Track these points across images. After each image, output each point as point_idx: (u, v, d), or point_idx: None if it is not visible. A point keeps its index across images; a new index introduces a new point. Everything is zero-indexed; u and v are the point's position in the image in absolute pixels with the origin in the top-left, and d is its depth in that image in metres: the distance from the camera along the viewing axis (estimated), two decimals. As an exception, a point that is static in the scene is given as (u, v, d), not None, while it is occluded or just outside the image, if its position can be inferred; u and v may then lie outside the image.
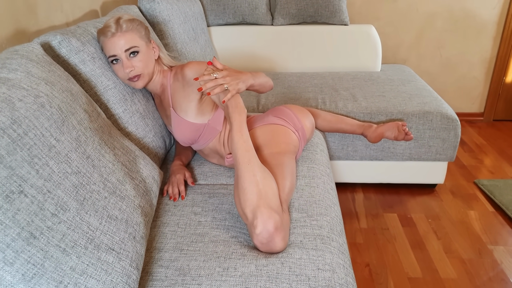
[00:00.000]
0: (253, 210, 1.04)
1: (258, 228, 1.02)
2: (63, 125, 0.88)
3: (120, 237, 0.86)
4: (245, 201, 1.06)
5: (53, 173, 0.78)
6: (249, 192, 1.06)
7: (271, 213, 1.03)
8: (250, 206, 1.05)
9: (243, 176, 1.09)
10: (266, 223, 1.02)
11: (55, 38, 1.18)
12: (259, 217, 1.02)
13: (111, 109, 1.28)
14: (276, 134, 1.35)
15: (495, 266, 1.71)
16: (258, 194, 1.06)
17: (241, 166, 1.11)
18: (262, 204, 1.04)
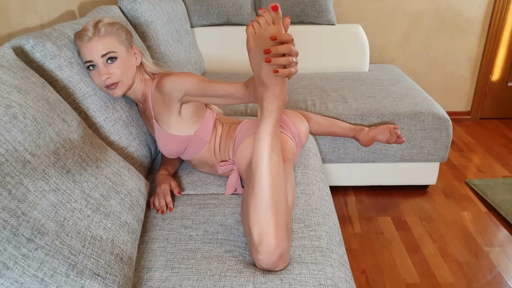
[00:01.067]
0: (260, 235, 0.92)
1: (262, 255, 0.93)
2: (39, 137, 0.80)
3: (105, 260, 0.78)
4: (254, 222, 0.93)
5: (28, 193, 0.70)
6: (262, 216, 0.93)
7: (279, 243, 0.93)
8: (258, 230, 0.93)
9: (262, 197, 0.93)
10: (271, 253, 0.93)
11: (28, 42, 1.09)
12: (265, 245, 0.92)
13: (91, 118, 1.20)
14: None
15: (493, 269, 1.68)
16: (272, 219, 0.93)
17: (261, 176, 0.94)
18: (272, 232, 0.92)
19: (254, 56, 0.93)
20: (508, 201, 2.08)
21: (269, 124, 0.95)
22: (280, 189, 0.95)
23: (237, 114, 2.02)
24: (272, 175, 0.94)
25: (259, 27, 0.90)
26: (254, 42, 0.92)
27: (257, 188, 0.94)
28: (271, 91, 0.94)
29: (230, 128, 1.37)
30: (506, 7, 2.77)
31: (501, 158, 2.55)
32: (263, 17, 0.90)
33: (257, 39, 0.91)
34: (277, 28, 0.89)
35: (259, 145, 0.95)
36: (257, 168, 0.94)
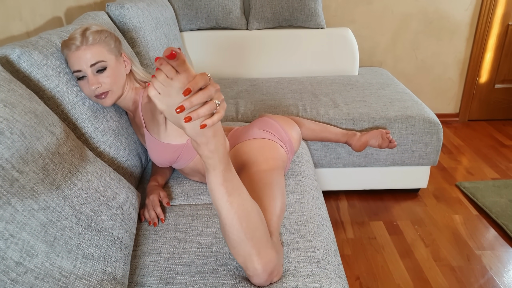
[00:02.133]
0: (245, 263, 0.90)
1: (252, 278, 0.92)
2: (27, 153, 0.77)
3: (97, 280, 0.75)
4: (236, 255, 0.90)
5: (16, 213, 0.67)
6: (241, 250, 0.89)
7: (266, 265, 0.90)
8: (242, 260, 0.90)
9: (233, 238, 0.89)
10: (260, 275, 0.91)
11: (14, 51, 1.05)
12: (251, 270, 0.90)
13: (80, 128, 1.17)
14: (263, 150, 1.26)
15: (485, 272, 1.68)
16: (253, 249, 0.89)
17: (228, 221, 0.88)
18: (255, 260, 0.89)
19: (170, 118, 0.75)
20: (498, 203, 2.09)
21: (217, 175, 0.84)
22: (251, 222, 0.90)
23: (228, 120, 2.00)
24: (238, 217, 0.87)
25: (161, 86, 0.70)
26: (163, 104, 0.72)
27: (227, 231, 0.89)
28: (205, 148, 0.79)
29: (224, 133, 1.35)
30: (492, 10, 2.80)
31: (490, 160, 2.57)
32: (161, 71, 0.70)
33: (165, 99, 0.71)
34: (185, 76, 0.69)
35: (215, 195, 0.87)
36: (221, 215, 0.88)
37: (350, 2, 2.76)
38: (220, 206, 0.86)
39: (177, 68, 0.68)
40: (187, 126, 0.73)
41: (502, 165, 2.50)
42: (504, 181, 2.30)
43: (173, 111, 0.72)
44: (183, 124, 0.73)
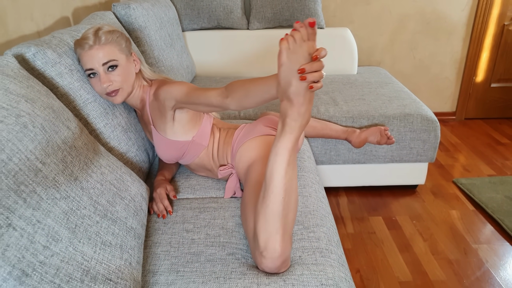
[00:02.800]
0: (267, 241, 0.94)
1: (266, 259, 0.95)
2: (48, 146, 0.81)
3: (116, 265, 0.79)
4: (262, 229, 0.95)
5: (41, 201, 0.71)
6: (271, 225, 0.94)
7: (284, 250, 0.95)
8: (265, 237, 0.94)
9: (273, 208, 0.94)
10: (276, 259, 0.95)
11: (29, 49, 1.09)
12: (270, 252, 0.94)
13: (91, 124, 1.21)
14: (267, 146, 1.30)
15: (481, 265, 1.73)
16: (280, 229, 0.94)
17: (275, 190, 0.94)
18: (278, 240, 0.94)
19: (284, 72, 0.88)
20: (494, 199, 2.14)
21: (289, 140, 0.94)
22: (291, 202, 0.96)
23: (231, 118, 2.05)
24: (285, 189, 0.94)
25: (294, 43, 0.86)
26: (287, 58, 0.87)
27: (268, 200, 0.94)
28: (297, 109, 0.90)
29: (228, 133, 1.40)
30: (488, 10, 2.85)
31: (486, 157, 2.62)
32: (299, 32, 0.86)
33: (290, 54, 0.86)
34: (312, 44, 0.86)
35: (276, 160, 0.94)
36: (272, 181, 0.94)
37: (349, 3, 2.81)
38: (276, 172, 0.93)
39: (309, 35, 0.85)
40: (295, 84, 0.87)
41: (498, 162, 2.56)
42: (500, 178, 2.35)
43: (292, 66, 0.86)
44: (292, 80, 0.87)
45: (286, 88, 0.89)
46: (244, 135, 1.34)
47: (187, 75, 2.27)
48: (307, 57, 0.86)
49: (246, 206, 1.11)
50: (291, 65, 0.87)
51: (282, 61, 0.87)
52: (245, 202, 1.13)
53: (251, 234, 1.03)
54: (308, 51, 0.86)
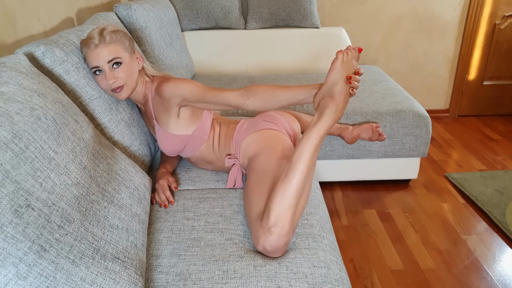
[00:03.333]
0: (278, 217, 1.05)
1: (273, 236, 1.04)
2: (59, 136, 0.88)
3: (123, 246, 0.86)
4: (277, 204, 1.06)
5: (55, 186, 0.78)
6: (287, 201, 1.06)
7: (290, 230, 1.06)
8: (277, 212, 1.05)
9: (294, 183, 1.08)
10: (282, 237, 1.04)
11: (39, 48, 1.16)
12: (279, 228, 1.04)
13: (97, 119, 1.28)
14: (272, 139, 1.38)
15: (470, 254, 1.81)
16: (293, 207, 1.07)
17: (301, 167, 1.10)
18: (289, 218, 1.06)
19: (334, 74, 1.14)
20: (484, 192, 2.22)
21: (323, 128, 1.13)
22: (308, 184, 1.13)
23: (229, 114, 2.12)
24: (308, 170, 1.10)
25: (347, 57, 1.15)
26: (340, 65, 1.14)
27: (291, 176, 1.09)
28: (336, 104, 1.13)
29: (229, 127, 1.47)
30: (480, 10, 2.93)
31: (478, 153, 2.69)
32: (351, 52, 1.16)
33: (343, 63, 1.14)
34: (356, 64, 1.18)
35: (307, 142, 1.12)
36: (299, 159, 1.10)
37: (344, 3, 2.88)
38: (305, 152, 1.11)
39: (356, 58, 1.18)
40: (341, 84, 1.14)
41: (489, 158, 2.63)
42: (490, 172, 2.42)
43: (341, 71, 1.14)
44: (340, 81, 1.14)
45: (332, 86, 1.15)
46: (247, 128, 1.42)
47: (186, 74, 2.34)
48: (351, 70, 1.16)
49: (251, 191, 1.21)
50: (342, 70, 1.14)
51: (336, 66, 1.14)
52: (250, 188, 1.22)
53: (255, 216, 1.13)
54: (353, 66, 1.17)
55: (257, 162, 1.31)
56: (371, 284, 1.66)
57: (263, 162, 1.29)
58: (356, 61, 1.18)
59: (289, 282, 0.98)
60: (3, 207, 0.65)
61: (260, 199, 1.17)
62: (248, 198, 1.20)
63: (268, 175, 1.24)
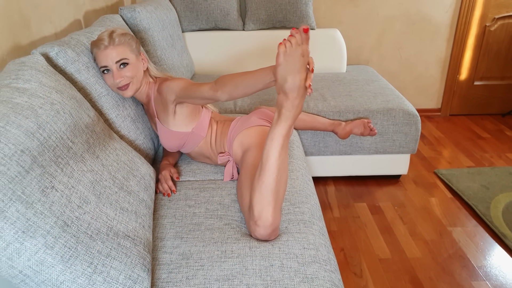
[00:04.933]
0: (260, 212, 1.12)
1: (259, 227, 1.13)
2: (75, 128, 0.99)
3: (132, 226, 0.97)
4: (257, 202, 1.13)
5: (73, 171, 0.89)
6: (265, 198, 1.12)
7: (274, 220, 1.13)
8: (259, 208, 1.12)
9: (267, 183, 1.12)
10: (267, 227, 1.13)
11: (53, 49, 1.27)
12: (263, 220, 1.12)
13: (105, 114, 1.38)
14: (262, 135, 1.48)
15: (454, 245, 1.92)
16: (272, 201, 1.13)
17: (270, 169, 1.12)
18: (270, 211, 1.12)
19: (281, 70, 1.06)
20: (471, 187, 2.33)
21: (284, 128, 1.12)
22: (282, 180, 1.16)
23: (227, 112, 2.22)
24: (278, 169, 1.13)
25: (290, 47, 1.04)
26: (284, 59, 1.05)
27: (264, 177, 1.13)
28: (291, 101, 1.09)
29: (224, 125, 1.58)
30: (471, 12, 3.04)
31: (467, 150, 2.81)
32: (294, 37, 1.04)
33: (287, 56, 1.04)
34: (305, 48, 1.05)
35: (272, 144, 1.12)
36: (267, 162, 1.12)
37: (338, 5, 2.99)
38: (271, 154, 1.12)
39: (303, 40, 1.04)
40: (290, 81, 1.06)
41: (478, 155, 2.74)
42: (477, 169, 2.53)
43: (287, 66, 1.05)
44: (288, 77, 1.05)
45: (283, 84, 1.08)
46: (240, 125, 1.52)
47: (186, 73, 2.45)
48: (300, 58, 1.05)
49: (242, 184, 1.30)
50: (287, 65, 1.05)
51: (280, 62, 1.05)
52: (241, 181, 1.31)
53: (246, 207, 1.22)
54: (301, 53, 1.04)
55: (247, 157, 1.41)
56: (360, 271, 1.77)
57: (253, 157, 1.39)
58: (305, 44, 1.05)
59: (281, 262, 1.08)
60: (32, 187, 0.76)
61: (249, 191, 1.27)
62: (240, 191, 1.31)
63: (256, 169, 1.34)
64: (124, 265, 0.87)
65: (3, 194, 0.71)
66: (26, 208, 0.73)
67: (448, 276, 1.73)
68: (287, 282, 1.02)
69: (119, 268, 0.87)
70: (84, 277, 0.80)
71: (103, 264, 0.83)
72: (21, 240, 0.72)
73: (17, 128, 0.79)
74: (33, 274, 0.74)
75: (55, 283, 0.76)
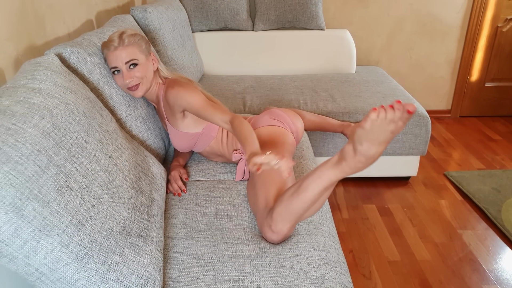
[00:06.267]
0: (278, 221, 1.12)
1: (272, 235, 1.14)
2: (89, 128, 1.00)
3: (145, 226, 0.98)
4: (281, 214, 1.12)
5: (87, 171, 0.90)
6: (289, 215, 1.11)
7: (288, 233, 1.15)
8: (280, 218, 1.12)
9: (295, 205, 1.10)
10: (279, 238, 1.15)
11: (66, 50, 1.28)
12: (278, 230, 1.13)
13: (116, 114, 1.39)
14: (275, 135, 1.49)
15: (464, 248, 1.90)
16: (293, 220, 1.13)
17: (304, 199, 1.09)
18: (288, 226, 1.13)
19: (361, 132, 0.94)
20: (481, 190, 2.31)
21: (336, 176, 1.04)
22: (311, 211, 1.16)
23: (237, 112, 2.23)
24: (312, 202, 1.09)
25: (383, 119, 0.89)
26: (369, 126, 0.91)
27: (295, 200, 1.09)
28: (355, 163, 0.99)
29: None
30: (482, 13, 3.01)
31: (477, 152, 2.79)
32: (393, 111, 0.87)
33: (374, 126, 0.91)
34: (401, 126, 0.89)
35: (318, 180, 1.06)
36: (305, 191, 1.07)
37: (348, 6, 2.98)
38: (312, 187, 1.06)
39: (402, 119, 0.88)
40: (367, 148, 0.95)
41: (488, 157, 2.72)
42: (488, 171, 2.51)
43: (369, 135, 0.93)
44: (365, 143, 0.95)
45: (357, 144, 0.97)
46: (253, 124, 1.54)
47: (196, 73, 2.46)
48: (388, 134, 0.91)
49: (255, 184, 1.32)
50: (370, 133, 0.93)
51: (364, 126, 0.93)
52: (254, 181, 1.33)
53: (261, 206, 1.22)
54: (392, 130, 0.89)
55: None
56: (369, 273, 1.76)
57: None
58: (403, 123, 0.89)
59: (291, 263, 1.09)
60: (49, 186, 0.77)
61: (263, 191, 1.27)
62: (254, 190, 1.31)
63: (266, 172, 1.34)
64: (137, 264, 0.88)
65: (20, 193, 0.72)
66: (42, 207, 0.75)
67: (459, 280, 1.72)
68: (298, 283, 1.02)
69: (132, 267, 0.87)
70: (98, 275, 0.81)
71: (116, 263, 0.84)
72: (37, 238, 0.73)
73: (34, 128, 0.81)
74: (48, 272, 0.75)
75: (70, 281, 0.77)
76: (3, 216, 0.70)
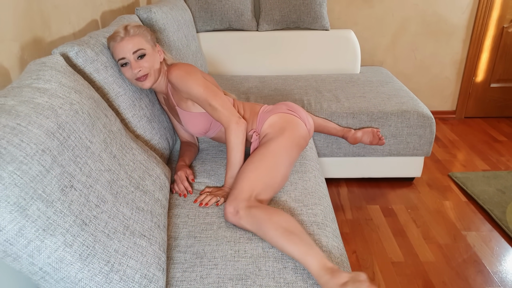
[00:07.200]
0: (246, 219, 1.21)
1: (233, 218, 1.23)
2: (93, 128, 1.00)
3: (148, 226, 0.98)
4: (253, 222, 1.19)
5: (91, 171, 0.90)
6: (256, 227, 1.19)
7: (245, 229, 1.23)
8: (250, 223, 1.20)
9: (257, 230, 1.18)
10: (234, 223, 1.24)
11: (73, 49, 1.29)
12: (239, 222, 1.22)
13: (121, 114, 1.40)
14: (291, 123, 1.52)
15: (469, 249, 1.90)
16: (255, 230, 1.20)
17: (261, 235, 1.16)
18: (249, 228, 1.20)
19: None
20: (486, 191, 2.30)
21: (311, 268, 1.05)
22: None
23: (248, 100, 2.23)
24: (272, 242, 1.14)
25: None
26: None
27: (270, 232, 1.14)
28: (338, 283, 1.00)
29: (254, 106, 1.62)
30: (488, 13, 3.00)
31: (482, 153, 2.77)
32: None
33: None
34: None
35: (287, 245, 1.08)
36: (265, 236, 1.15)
37: (353, 6, 2.98)
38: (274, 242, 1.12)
39: None
40: None
41: (493, 158, 2.71)
42: (493, 172, 2.50)
43: None
44: None
45: None
46: (271, 110, 1.58)
47: (201, 73, 2.46)
48: None
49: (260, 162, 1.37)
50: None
51: None
52: (253, 159, 1.38)
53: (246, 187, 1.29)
54: None
55: (270, 140, 1.45)
56: (372, 274, 1.76)
57: (274, 142, 1.43)
58: None
59: (294, 264, 1.09)
60: (53, 186, 0.78)
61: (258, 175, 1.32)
62: (253, 165, 1.36)
63: (272, 155, 1.39)
64: (140, 264, 0.89)
65: (25, 193, 0.72)
66: (46, 207, 0.75)
67: (463, 281, 1.72)
68: (301, 285, 1.02)
69: (135, 267, 0.88)
70: (101, 275, 0.82)
71: (120, 263, 0.85)
72: (41, 238, 0.74)
73: (38, 128, 0.81)
74: (52, 271, 0.76)
75: (73, 281, 0.78)
76: (8, 216, 0.70)
